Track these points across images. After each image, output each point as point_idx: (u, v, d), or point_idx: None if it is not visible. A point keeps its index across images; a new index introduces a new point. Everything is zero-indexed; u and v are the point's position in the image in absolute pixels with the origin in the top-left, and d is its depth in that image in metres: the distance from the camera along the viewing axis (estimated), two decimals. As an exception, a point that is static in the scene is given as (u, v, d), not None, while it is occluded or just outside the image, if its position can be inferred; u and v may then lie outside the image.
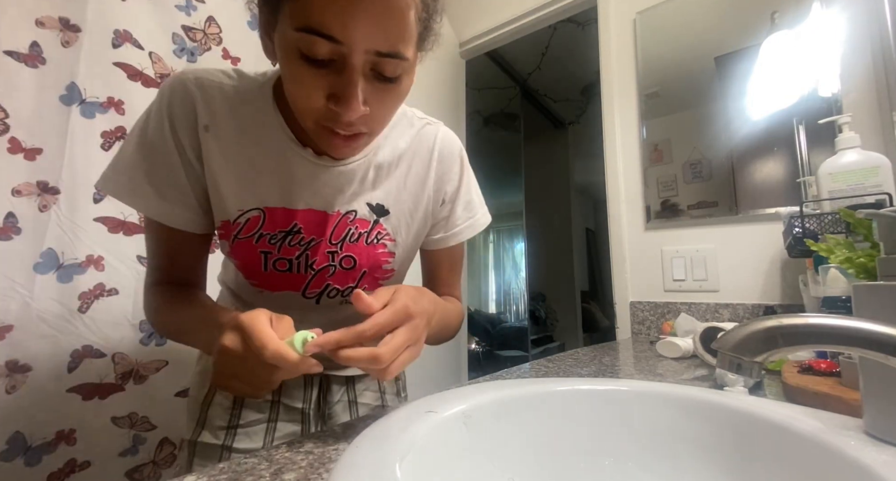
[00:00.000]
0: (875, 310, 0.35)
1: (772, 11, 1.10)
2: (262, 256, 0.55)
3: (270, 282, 0.57)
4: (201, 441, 0.61)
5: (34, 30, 0.85)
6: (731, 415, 0.42)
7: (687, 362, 0.78)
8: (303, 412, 0.66)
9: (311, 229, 0.55)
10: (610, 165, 1.34)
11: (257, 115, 0.51)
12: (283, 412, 0.64)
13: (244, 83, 0.51)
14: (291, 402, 0.65)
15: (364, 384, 0.73)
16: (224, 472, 0.32)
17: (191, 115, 0.49)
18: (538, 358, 1.08)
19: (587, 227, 4.10)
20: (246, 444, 0.61)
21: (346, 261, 0.57)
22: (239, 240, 0.54)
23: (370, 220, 0.57)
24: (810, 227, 0.78)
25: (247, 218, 0.52)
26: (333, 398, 0.69)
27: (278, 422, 0.64)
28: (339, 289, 0.59)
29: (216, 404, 0.62)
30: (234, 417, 0.62)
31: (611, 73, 1.38)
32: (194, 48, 1.08)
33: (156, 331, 0.56)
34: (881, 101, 0.94)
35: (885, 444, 0.33)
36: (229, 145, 0.51)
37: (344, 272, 0.58)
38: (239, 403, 0.63)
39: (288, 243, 0.54)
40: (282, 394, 0.65)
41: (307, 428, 0.66)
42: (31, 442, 0.79)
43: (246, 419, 0.62)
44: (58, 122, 0.87)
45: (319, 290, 0.58)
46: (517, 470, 0.42)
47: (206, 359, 0.66)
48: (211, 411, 0.62)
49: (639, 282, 1.26)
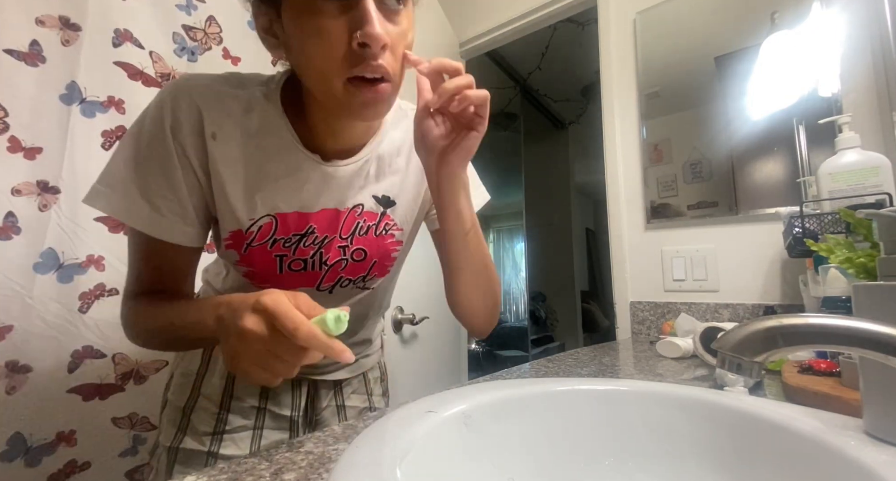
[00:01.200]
0: (875, 310, 0.35)
1: (772, 11, 1.10)
2: (278, 260, 0.55)
3: (284, 282, 0.56)
4: (183, 447, 0.59)
5: (34, 28, 0.85)
6: (731, 415, 0.42)
7: (687, 362, 0.78)
8: (291, 419, 0.65)
9: (325, 228, 0.55)
10: (610, 165, 1.34)
11: (264, 122, 0.51)
12: (270, 419, 0.64)
13: (248, 90, 0.51)
14: (279, 409, 0.65)
15: (351, 387, 0.73)
16: (224, 472, 0.32)
17: (197, 124, 0.48)
18: (538, 358, 1.08)
19: (587, 227, 4.10)
20: (232, 451, 0.60)
21: (358, 254, 0.58)
22: (252, 247, 0.53)
23: (377, 212, 0.58)
24: (810, 227, 0.78)
25: (259, 225, 0.52)
26: (321, 404, 0.69)
27: (265, 430, 0.63)
28: (352, 279, 0.60)
29: (200, 409, 0.61)
30: (220, 423, 0.61)
31: (611, 73, 1.38)
32: (195, 47, 1.08)
33: (138, 342, 0.52)
34: (881, 101, 0.94)
35: (885, 444, 0.33)
36: (237, 153, 0.50)
37: (355, 264, 0.59)
38: (225, 408, 0.62)
39: (303, 245, 0.55)
40: (269, 401, 0.64)
41: (295, 435, 0.65)
42: (31, 442, 0.79)
43: (232, 424, 0.61)
44: (58, 122, 0.87)
45: (332, 283, 0.59)
46: (517, 470, 0.42)
47: (184, 364, 0.65)
48: (194, 416, 0.61)
49: (639, 282, 1.26)
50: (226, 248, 0.55)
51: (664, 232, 1.23)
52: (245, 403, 0.63)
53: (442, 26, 1.71)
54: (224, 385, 0.62)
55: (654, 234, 1.25)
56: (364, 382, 0.75)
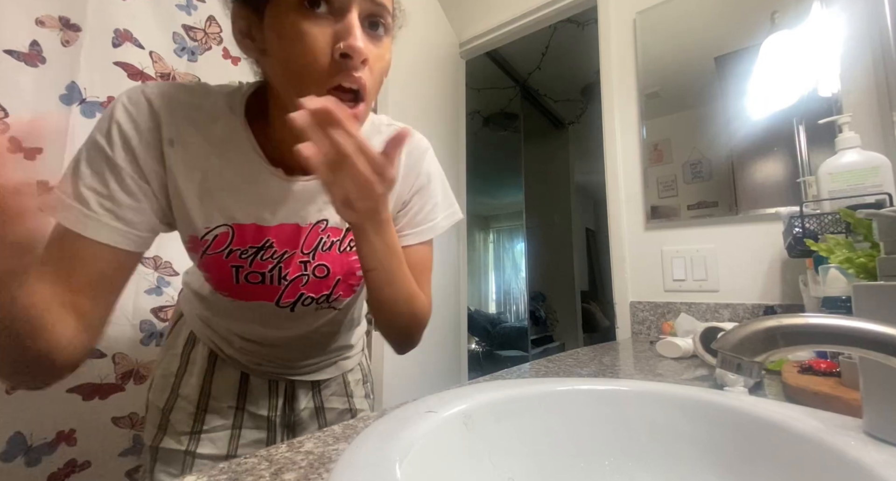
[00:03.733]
0: (875, 310, 0.35)
1: (772, 11, 1.10)
2: (234, 270, 0.53)
3: (242, 292, 0.56)
4: (163, 446, 0.60)
5: (34, 29, 0.85)
6: (731, 415, 0.42)
7: (687, 362, 0.78)
8: (268, 419, 0.65)
9: (284, 242, 0.54)
10: (610, 165, 1.34)
11: (227, 133, 0.50)
12: (248, 419, 0.64)
13: (212, 99, 0.50)
14: (256, 410, 0.65)
15: (330, 389, 0.72)
16: (224, 472, 0.32)
17: (154, 131, 0.47)
18: (538, 358, 1.08)
19: (587, 227, 4.11)
20: (210, 450, 0.61)
21: (320, 270, 0.57)
22: (208, 255, 0.52)
23: (342, 228, 0.57)
24: (810, 227, 0.78)
25: (214, 234, 0.51)
26: (300, 405, 0.68)
27: (243, 429, 0.64)
28: (314, 297, 0.59)
29: (179, 409, 0.62)
30: (197, 422, 0.61)
31: (611, 73, 1.38)
32: (195, 47, 1.08)
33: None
34: (881, 101, 0.94)
35: (885, 444, 0.33)
36: (196, 161, 0.49)
37: (318, 280, 0.57)
38: (203, 408, 0.62)
39: (260, 258, 0.53)
40: (246, 401, 0.64)
41: (273, 436, 0.66)
42: (31, 442, 0.79)
43: (210, 424, 0.62)
44: (58, 122, 0.87)
45: (293, 300, 0.58)
46: (517, 470, 0.42)
47: (164, 365, 0.65)
48: (173, 416, 0.62)
49: (639, 282, 1.26)
50: (189, 251, 0.54)
51: (664, 232, 1.23)
52: (222, 403, 0.63)
53: (442, 26, 1.71)
54: (201, 385, 0.63)
55: (654, 234, 1.25)
56: (344, 384, 0.74)
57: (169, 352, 0.66)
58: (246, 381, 0.65)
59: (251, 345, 0.63)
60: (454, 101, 1.80)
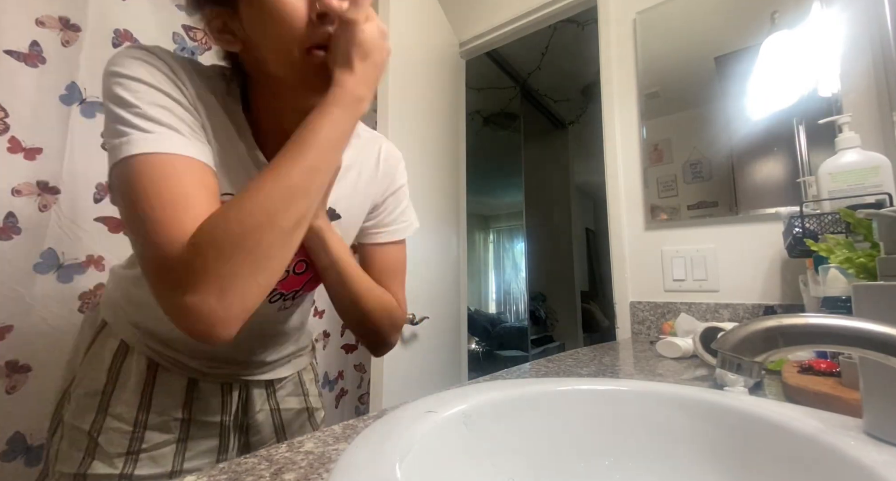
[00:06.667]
0: (875, 310, 0.35)
1: (772, 11, 1.10)
2: None
3: None
4: (92, 472, 0.53)
5: (34, 29, 0.85)
6: (731, 415, 0.42)
7: (687, 362, 0.78)
8: (221, 424, 0.62)
9: None
10: (610, 165, 1.34)
11: (224, 111, 0.49)
12: (196, 428, 0.60)
13: (209, 73, 0.50)
14: (206, 417, 0.61)
15: (286, 389, 0.70)
16: (224, 472, 0.32)
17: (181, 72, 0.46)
18: (538, 358, 1.08)
19: (587, 227, 4.11)
20: (150, 470, 0.56)
21: (300, 267, 0.57)
22: None
23: None
24: (810, 227, 0.78)
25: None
26: (255, 407, 0.66)
27: (189, 441, 0.59)
28: (284, 293, 0.58)
29: (110, 430, 0.55)
30: (135, 441, 0.55)
31: (611, 73, 1.38)
32: (195, 47, 1.08)
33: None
34: (881, 101, 0.94)
35: (885, 444, 0.33)
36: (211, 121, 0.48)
37: (295, 277, 0.57)
38: (141, 425, 0.56)
39: None
40: (194, 410, 0.60)
41: (226, 441, 0.62)
42: (31, 442, 0.79)
43: (151, 441, 0.56)
44: (58, 122, 0.87)
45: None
46: (517, 470, 0.42)
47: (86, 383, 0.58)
48: (102, 438, 0.55)
49: (639, 282, 1.26)
50: None
51: (664, 232, 1.23)
52: (165, 416, 0.58)
53: (442, 26, 1.71)
54: (139, 400, 0.57)
55: (654, 234, 1.25)
56: (300, 383, 0.73)
57: (91, 366, 0.59)
58: (194, 388, 0.60)
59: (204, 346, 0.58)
60: (454, 101, 1.80)
